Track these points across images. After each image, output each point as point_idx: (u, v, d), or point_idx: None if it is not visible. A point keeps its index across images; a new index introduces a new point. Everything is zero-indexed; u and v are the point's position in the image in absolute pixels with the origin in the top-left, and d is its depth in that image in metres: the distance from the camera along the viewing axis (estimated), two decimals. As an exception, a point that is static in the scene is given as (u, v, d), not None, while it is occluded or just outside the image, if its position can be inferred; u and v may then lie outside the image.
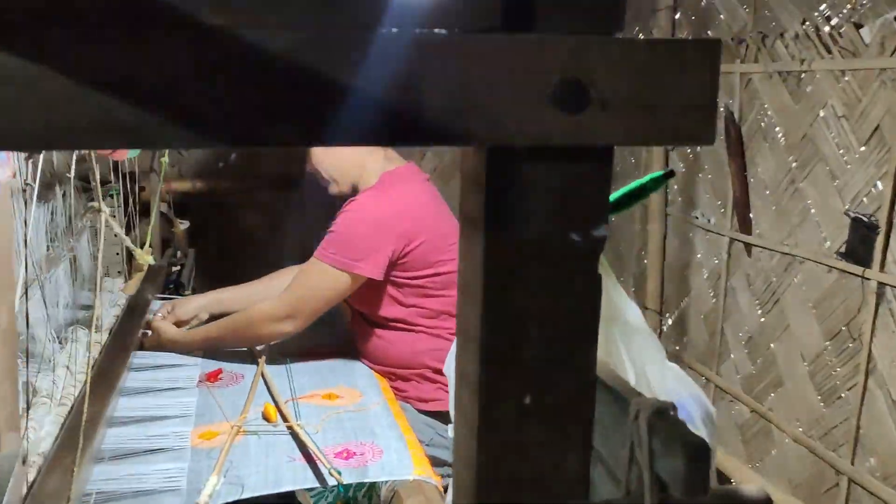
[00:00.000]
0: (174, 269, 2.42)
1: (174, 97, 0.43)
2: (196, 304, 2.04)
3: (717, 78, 0.50)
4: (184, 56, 0.42)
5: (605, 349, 0.71)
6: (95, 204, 1.53)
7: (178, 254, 2.58)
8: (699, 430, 0.72)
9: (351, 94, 0.44)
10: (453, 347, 0.54)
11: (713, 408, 0.75)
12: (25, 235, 0.99)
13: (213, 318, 1.99)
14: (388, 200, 1.84)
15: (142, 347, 1.88)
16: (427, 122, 0.46)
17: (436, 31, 0.50)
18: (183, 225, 2.60)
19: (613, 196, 0.71)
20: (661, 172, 0.74)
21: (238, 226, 2.83)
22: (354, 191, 1.92)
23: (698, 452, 0.58)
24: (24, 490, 0.72)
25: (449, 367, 0.98)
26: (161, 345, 1.90)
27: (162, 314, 2.00)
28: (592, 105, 0.48)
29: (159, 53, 0.42)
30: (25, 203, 1.01)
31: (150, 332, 1.93)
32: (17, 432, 0.67)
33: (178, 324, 1.99)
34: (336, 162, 1.93)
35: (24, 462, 0.65)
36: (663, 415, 0.61)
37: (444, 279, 1.84)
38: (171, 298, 2.20)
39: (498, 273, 0.49)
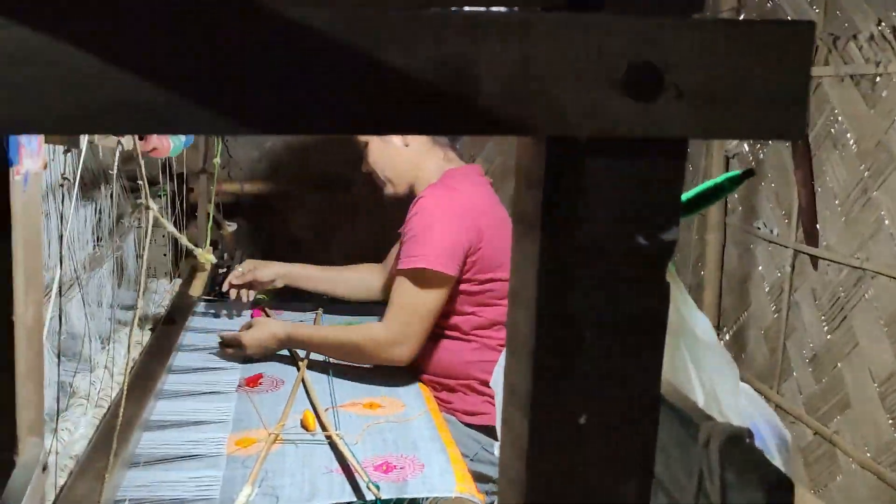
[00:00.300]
0: (221, 271, 2.41)
1: (205, 79, 0.39)
2: (274, 270, 2.13)
3: (808, 64, 0.45)
4: (216, 35, 0.39)
5: (670, 365, 0.65)
6: (143, 201, 1.52)
7: (226, 256, 2.58)
8: (774, 459, 0.66)
9: (398, 78, 0.40)
10: (501, 359, 0.49)
11: (789, 434, 0.68)
12: (61, 232, 0.96)
13: (287, 289, 2.17)
14: (456, 195, 1.77)
15: (236, 346, 1.80)
16: (481, 110, 0.42)
17: (493, 9, 0.46)
18: (231, 227, 2.60)
19: (685, 196, 0.65)
20: (738, 171, 0.67)
21: (287, 228, 2.82)
22: (411, 192, 1.87)
23: (779, 487, 0.52)
24: (44, 498, 0.69)
25: (496, 381, 0.93)
26: (258, 340, 1.78)
27: (244, 269, 2.11)
28: (666, 92, 0.43)
29: (189, 31, 0.38)
30: (63, 198, 0.98)
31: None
32: (40, 437, 0.65)
33: (255, 284, 2.12)
34: (392, 162, 1.88)
35: (44, 469, 0.62)
36: (738, 442, 0.55)
37: (502, 287, 1.78)
38: (215, 301, 2.20)
39: (554, 278, 0.45)
